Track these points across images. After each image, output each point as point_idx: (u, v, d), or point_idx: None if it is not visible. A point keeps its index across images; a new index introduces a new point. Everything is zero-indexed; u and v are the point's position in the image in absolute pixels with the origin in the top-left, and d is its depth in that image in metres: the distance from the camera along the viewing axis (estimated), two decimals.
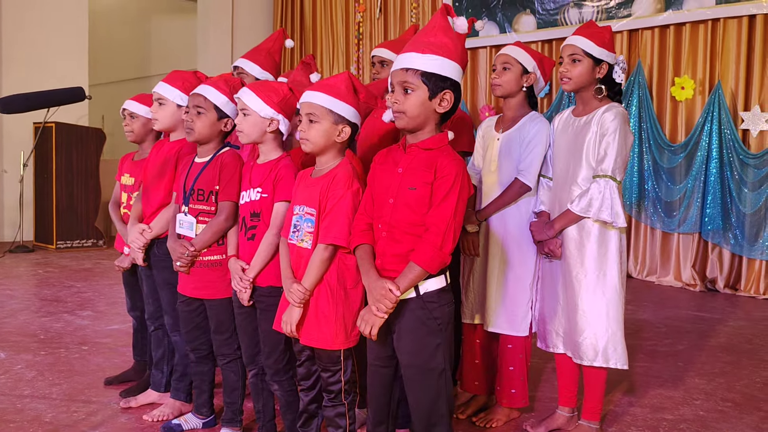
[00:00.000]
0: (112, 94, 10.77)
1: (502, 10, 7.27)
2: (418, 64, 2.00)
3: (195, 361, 2.76)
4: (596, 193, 2.52)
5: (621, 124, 2.54)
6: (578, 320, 2.59)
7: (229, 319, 2.60)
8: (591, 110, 2.63)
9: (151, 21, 11.64)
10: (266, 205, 2.40)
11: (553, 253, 2.64)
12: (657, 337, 4.31)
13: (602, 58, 2.61)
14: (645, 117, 6.24)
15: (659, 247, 6.27)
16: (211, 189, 2.56)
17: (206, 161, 2.60)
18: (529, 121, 2.77)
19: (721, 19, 5.85)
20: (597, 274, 2.57)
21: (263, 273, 2.39)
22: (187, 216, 2.59)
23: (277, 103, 2.41)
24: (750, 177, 5.67)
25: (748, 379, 3.52)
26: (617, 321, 2.58)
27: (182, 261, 2.56)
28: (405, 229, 2.02)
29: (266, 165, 2.44)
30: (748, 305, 5.38)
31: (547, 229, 2.64)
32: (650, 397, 3.22)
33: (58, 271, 6.34)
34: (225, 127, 2.62)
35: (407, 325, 2.03)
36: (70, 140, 7.50)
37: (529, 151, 2.72)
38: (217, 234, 2.54)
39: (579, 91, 2.67)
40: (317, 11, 9.34)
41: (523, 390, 2.83)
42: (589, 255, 2.58)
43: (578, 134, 2.63)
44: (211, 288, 2.59)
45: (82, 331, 4.25)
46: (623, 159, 2.55)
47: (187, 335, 2.73)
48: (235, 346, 2.63)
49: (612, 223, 2.53)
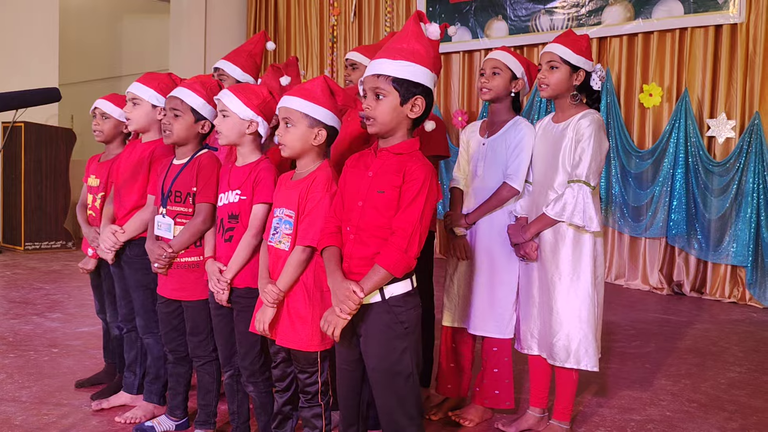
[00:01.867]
0: (82, 93, 10.61)
1: (475, 16, 7.34)
2: (390, 70, 2.02)
3: (172, 363, 2.75)
4: (570, 197, 2.57)
5: (596, 131, 2.58)
6: (552, 322, 2.64)
7: (204, 320, 2.60)
8: (568, 117, 2.68)
9: (122, 20, 11.51)
10: (245, 208, 2.41)
11: (529, 255, 2.69)
12: (626, 340, 4.39)
13: (579, 65, 2.66)
14: (613, 123, 6.34)
15: (627, 251, 6.38)
16: (189, 191, 2.56)
17: (184, 163, 2.61)
18: (514, 126, 2.81)
19: (689, 28, 5.99)
20: (571, 277, 2.62)
21: (240, 274, 2.39)
22: (165, 218, 2.59)
23: (257, 105, 2.43)
24: (714, 184, 5.80)
25: (713, 381, 3.60)
26: (589, 323, 2.62)
27: (160, 262, 2.57)
28: (372, 232, 2.04)
29: (245, 167, 2.46)
30: (714, 308, 5.50)
31: (523, 232, 2.68)
32: (618, 398, 3.29)
33: (26, 273, 6.26)
34: (202, 129, 2.62)
35: (373, 329, 2.04)
36: (40, 140, 7.41)
37: (516, 155, 2.76)
38: (194, 236, 2.55)
39: (557, 97, 2.71)
40: (291, 13, 9.34)
41: (508, 392, 2.87)
42: (564, 258, 2.62)
43: (556, 140, 2.68)
44: (188, 289, 2.60)
45: (51, 334, 4.20)
46: (598, 165, 2.60)
47: (165, 336, 2.73)
48: (210, 347, 2.63)
49: (585, 227, 2.58)
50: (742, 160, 5.65)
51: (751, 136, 5.62)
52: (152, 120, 2.82)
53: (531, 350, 2.78)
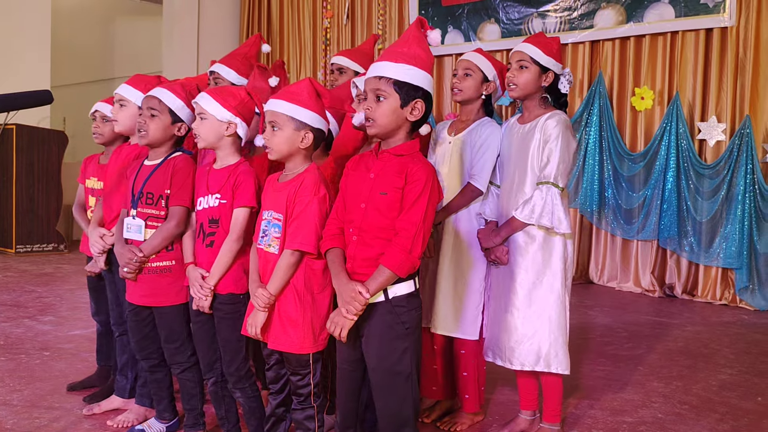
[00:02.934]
0: (74, 95, 10.60)
1: (467, 19, 7.36)
2: (391, 72, 2.05)
3: (148, 371, 2.71)
4: (538, 199, 2.56)
5: (563, 131, 2.58)
6: (519, 325, 2.62)
7: (180, 326, 2.56)
8: (534, 117, 2.68)
9: (115, 22, 11.49)
10: (225, 212, 2.39)
11: (500, 259, 2.67)
12: (618, 342, 4.40)
13: (549, 66, 2.66)
14: (606, 126, 6.37)
15: (619, 253, 6.40)
16: (161, 193, 2.51)
17: (157, 164, 2.56)
18: (480, 125, 2.80)
19: (680, 31, 6.02)
20: (540, 280, 2.61)
21: (223, 280, 2.37)
22: (135, 219, 2.53)
23: (235, 106, 2.41)
24: (705, 186, 5.83)
25: (704, 383, 3.62)
26: (560, 326, 2.62)
27: (129, 267, 2.50)
28: (375, 234, 2.06)
29: (224, 170, 2.43)
30: (705, 311, 5.52)
31: (493, 236, 2.67)
32: (610, 400, 3.30)
33: (18, 276, 6.23)
34: (179, 132, 2.58)
35: (376, 328, 2.07)
36: (32, 142, 7.38)
37: (481, 155, 2.75)
38: (167, 240, 2.50)
39: (525, 98, 2.71)
40: (285, 16, 9.34)
41: (477, 395, 2.87)
42: (533, 261, 2.62)
43: (523, 141, 2.68)
44: (160, 295, 2.54)
45: (43, 337, 4.18)
46: (566, 165, 2.59)
47: (136, 345, 2.66)
48: (188, 353, 2.59)
49: (554, 229, 2.58)
50: (732, 162, 5.68)
51: (741, 140, 5.65)
52: None
53: (487, 357, 2.76)
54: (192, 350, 2.59)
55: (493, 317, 2.75)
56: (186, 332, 2.57)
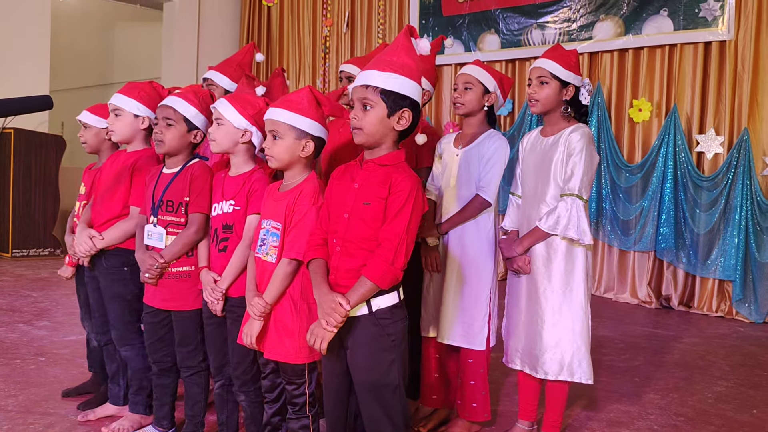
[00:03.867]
0: (73, 100, 10.58)
1: (468, 29, 7.39)
2: (378, 81, 2.03)
3: (157, 374, 2.73)
4: (563, 211, 2.58)
5: (587, 144, 2.61)
6: (544, 335, 2.64)
7: (195, 331, 2.59)
8: (558, 131, 2.71)
9: (115, 28, 11.51)
10: (239, 218, 2.41)
11: (522, 269, 2.70)
12: (615, 353, 4.40)
13: (569, 80, 2.69)
14: (604, 137, 6.38)
15: (616, 264, 6.41)
16: (181, 200, 2.55)
17: (175, 172, 2.60)
18: (488, 138, 2.82)
19: (678, 44, 6.04)
20: (564, 290, 2.63)
21: (235, 284, 2.40)
22: (156, 227, 2.57)
23: (252, 115, 2.44)
24: (703, 198, 5.84)
25: (700, 395, 3.62)
26: (582, 336, 2.64)
27: (151, 272, 2.54)
28: (359, 244, 2.04)
29: (239, 177, 2.46)
30: (701, 322, 5.53)
31: (516, 246, 2.70)
32: (607, 412, 3.29)
33: (13, 280, 6.21)
34: (194, 139, 2.62)
35: (360, 341, 2.04)
36: (29, 146, 7.37)
37: (489, 168, 2.77)
38: (186, 246, 2.54)
39: (547, 112, 2.74)
40: (284, 23, 9.36)
41: (484, 404, 2.87)
42: (557, 271, 2.64)
43: (546, 154, 2.70)
44: (179, 300, 2.58)
45: (38, 342, 4.17)
46: (589, 178, 2.63)
47: (150, 347, 2.70)
48: (199, 358, 2.62)
49: (578, 241, 2.60)
50: (731, 175, 5.70)
51: (740, 152, 5.67)
52: (135, 130, 2.82)
53: (514, 365, 2.78)
54: (203, 356, 2.61)
55: (515, 326, 2.77)
56: (200, 337, 2.60)
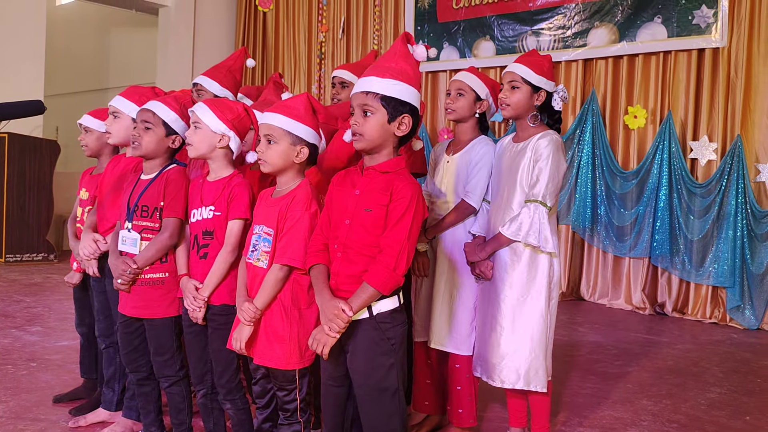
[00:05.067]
0: (68, 105, 10.59)
1: (463, 36, 7.40)
2: (379, 87, 2.04)
3: (136, 384, 2.69)
4: (526, 217, 2.57)
5: (554, 151, 2.59)
6: (501, 342, 2.62)
7: (170, 339, 2.55)
8: (528, 136, 2.69)
9: (110, 33, 11.50)
10: (219, 223, 2.39)
11: (484, 274, 2.68)
12: (607, 359, 4.40)
13: (540, 85, 2.68)
14: (598, 144, 6.40)
15: (611, 270, 6.41)
16: (156, 205, 2.51)
17: (152, 178, 2.56)
18: (476, 144, 2.83)
19: (672, 51, 6.06)
20: (525, 297, 2.61)
21: (217, 291, 2.38)
22: (130, 232, 2.53)
23: (230, 120, 2.42)
24: (697, 205, 5.85)
25: (693, 401, 3.62)
26: (541, 345, 2.62)
27: (123, 278, 2.49)
28: (360, 250, 2.05)
29: (218, 182, 2.44)
30: (695, 329, 5.53)
31: (479, 251, 2.68)
32: (600, 418, 3.29)
33: (6, 285, 6.18)
34: (173, 144, 2.58)
35: (360, 345, 2.05)
36: (24, 151, 7.35)
37: (476, 173, 2.77)
38: (160, 251, 2.50)
39: (518, 117, 2.73)
40: (280, 29, 9.37)
41: (470, 409, 2.86)
42: (518, 278, 2.62)
43: (514, 159, 2.69)
44: (151, 307, 2.53)
45: (30, 347, 4.15)
46: (555, 185, 2.60)
47: (125, 357, 2.65)
48: (177, 366, 2.57)
49: (540, 248, 2.58)
50: (724, 182, 5.71)
51: (733, 159, 5.69)
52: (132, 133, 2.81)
53: (476, 372, 2.76)
54: (180, 364, 2.57)
55: (480, 333, 2.76)
56: (176, 345, 2.56)
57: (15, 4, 7.93)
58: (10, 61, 7.89)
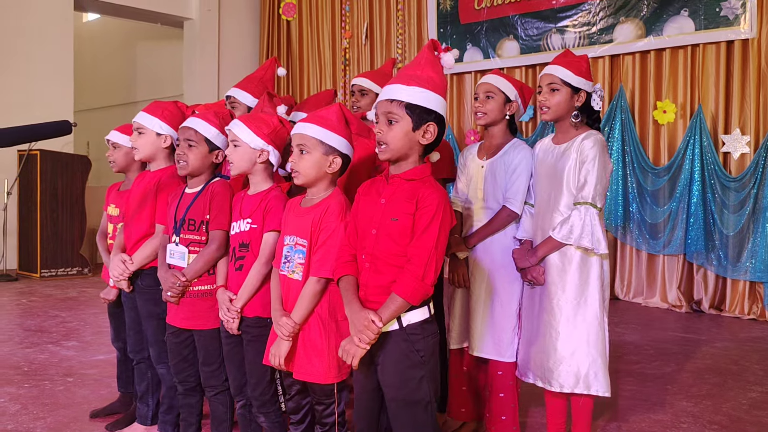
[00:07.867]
0: (97, 120, 10.75)
1: (486, 36, 7.36)
2: (403, 95, 2.02)
3: (182, 394, 2.73)
4: (577, 220, 2.54)
5: (600, 152, 2.57)
6: (558, 346, 2.59)
7: (217, 350, 2.59)
8: (570, 138, 2.66)
9: (136, 47, 11.66)
10: (255, 236, 2.41)
11: (536, 280, 2.65)
12: (645, 360, 4.33)
13: (580, 86, 2.65)
14: (628, 140, 6.31)
15: (645, 268, 6.31)
16: (202, 219, 2.56)
17: (197, 191, 2.61)
18: (513, 148, 2.79)
19: (701, 44, 5.96)
20: (579, 301, 2.58)
21: (250, 303, 2.39)
22: (178, 246, 2.58)
23: (267, 134, 2.44)
24: (731, 199, 5.74)
25: (734, 401, 3.54)
26: (597, 348, 2.59)
27: (173, 291, 2.55)
28: (387, 260, 2.03)
29: (257, 196, 2.46)
30: (734, 326, 5.42)
31: (529, 257, 2.65)
32: (638, 421, 3.23)
33: (42, 301, 6.28)
34: (216, 159, 2.63)
35: (390, 357, 2.03)
36: (55, 167, 7.47)
37: (516, 178, 2.74)
38: (208, 263, 2.54)
39: (558, 119, 2.70)
40: (304, 37, 9.41)
41: (514, 417, 2.83)
42: (571, 281, 2.59)
43: (558, 162, 2.66)
44: (200, 318, 2.58)
45: (67, 362, 4.20)
46: (603, 186, 2.58)
47: (174, 367, 2.70)
48: (223, 377, 2.61)
49: (593, 250, 2.55)
50: (759, 175, 5.60)
51: (767, 152, 5.57)
52: (157, 148, 2.84)
53: (527, 378, 2.72)
54: (227, 375, 2.60)
55: (529, 338, 2.72)
56: (222, 356, 2.59)
57: (43, 24, 8.08)
58: (40, 78, 8.03)
